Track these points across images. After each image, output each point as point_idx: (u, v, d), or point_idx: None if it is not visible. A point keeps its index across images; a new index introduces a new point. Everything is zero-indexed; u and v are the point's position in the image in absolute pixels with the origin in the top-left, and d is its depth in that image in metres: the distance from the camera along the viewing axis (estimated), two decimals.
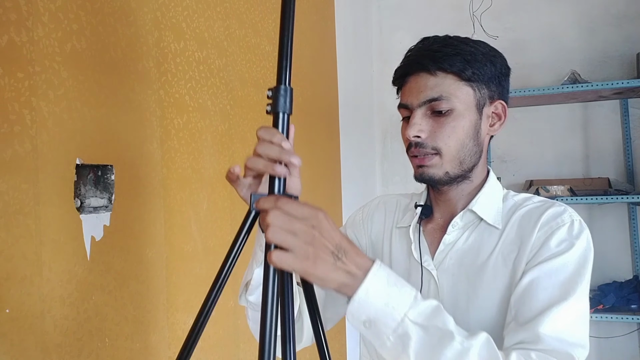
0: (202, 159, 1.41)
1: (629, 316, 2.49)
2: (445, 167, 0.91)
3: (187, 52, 1.36)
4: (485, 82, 0.91)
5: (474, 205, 0.94)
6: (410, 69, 0.92)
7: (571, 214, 0.89)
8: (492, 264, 0.90)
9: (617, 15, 2.83)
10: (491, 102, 0.94)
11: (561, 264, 0.84)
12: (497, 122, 0.95)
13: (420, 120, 0.90)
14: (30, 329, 0.89)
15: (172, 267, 1.27)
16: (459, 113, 0.89)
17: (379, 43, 3.23)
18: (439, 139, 0.89)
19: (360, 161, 2.96)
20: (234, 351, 1.52)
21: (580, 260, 0.85)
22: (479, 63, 0.90)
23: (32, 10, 0.92)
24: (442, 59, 0.88)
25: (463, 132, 0.90)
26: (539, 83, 2.87)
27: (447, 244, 0.94)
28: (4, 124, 0.86)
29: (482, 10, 2.97)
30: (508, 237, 0.91)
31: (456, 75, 0.89)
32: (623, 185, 2.76)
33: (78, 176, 1.01)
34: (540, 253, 0.86)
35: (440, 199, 0.98)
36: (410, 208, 1.04)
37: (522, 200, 0.95)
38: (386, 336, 0.69)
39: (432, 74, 0.89)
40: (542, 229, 0.88)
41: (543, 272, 0.84)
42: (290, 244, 0.64)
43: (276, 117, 0.70)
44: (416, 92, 0.90)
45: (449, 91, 0.89)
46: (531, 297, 0.82)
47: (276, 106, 0.69)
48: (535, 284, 0.83)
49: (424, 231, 0.99)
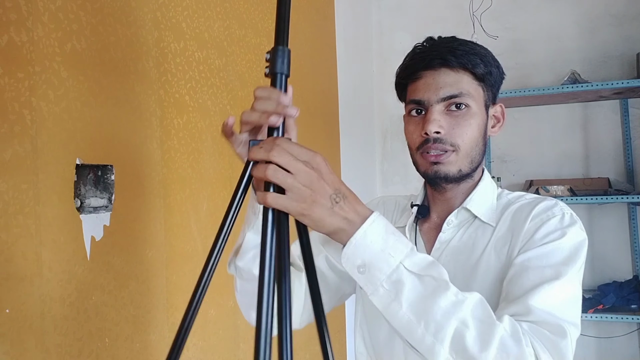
0: (202, 159, 1.41)
1: (629, 316, 2.49)
2: (459, 164, 0.91)
3: (187, 52, 1.36)
4: (491, 85, 0.94)
5: (468, 203, 0.94)
6: (428, 64, 0.92)
7: (562, 207, 0.90)
8: (485, 260, 0.90)
9: (617, 15, 2.83)
10: (493, 104, 0.97)
11: (553, 248, 0.83)
12: (497, 124, 0.98)
13: (439, 116, 0.90)
14: (30, 329, 0.89)
15: (172, 267, 1.27)
16: (474, 111, 0.91)
17: (379, 43, 3.23)
18: (457, 136, 0.90)
19: (360, 161, 2.96)
20: (234, 351, 1.52)
21: (572, 247, 0.84)
22: (490, 65, 0.92)
23: (32, 10, 0.92)
24: (463, 56, 0.90)
25: (477, 130, 0.92)
26: (539, 83, 2.87)
27: (442, 242, 0.95)
28: (4, 124, 0.86)
29: (482, 10, 2.97)
30: (500, 231, 0.91)
31: (472, 74, 0.91)
32: (623, 185, 2.76)
33: (78, 176, 1.01)
34: (532, 241, 0.86)
35: (440, 198, 0.98)
36: (408, 208, 1.04)
37: (515, 197, 0.96)
38: (380, 282, 0.68)
39: (453, 69, 0.90)
40: (534, 220, 0.88)
41: (534, 255, 0.83)
42: (289, 184, 0.63)
43: (274, 78, 0.68)
44: (435, 87, 0.90)
45: (466, 89, 0.90)
46: (522, 276, 0.82)
47: (274, 67, 0.68)
48: (526, 265, 0.83)
49: (420, 230, 0.99)
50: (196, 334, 1.35)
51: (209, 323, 1.41)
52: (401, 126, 0.99)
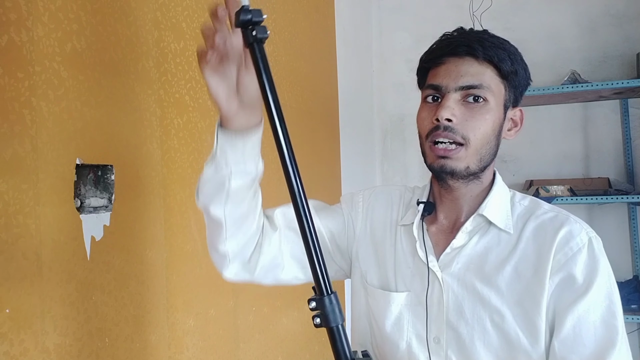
0: (202, 159, 1.41)
1: (629, 316, 2.49)
2: (468, 161, 0.88)
3: (187, 52, 1.36)
4: (515, 86, 0.91)
5: (484, 209, 0.91)
6: (454, 50, 0.89)
7: (586, 230, 0.88)
8: (502, 276, 0.88)
9: (617, 15, 2.83)
10: (513, 107, 0.94)
11: (596, 298, 0.84)
12: (514, 128, 0.95)
13: (453, 104, 0.87)
14: (30, 329, 0.89)
15: (172, 267, 1.27)
16: (491, 107, 0.88)
17: (379, 43, 3.23)
18: (469, 128, 0.87)
19: (360, 161, 2.96)
20: (234, 351, 1.52)
21: (608, 282, 0.86)
22: (517, 64, 0.90)
23: (32, 10, 0.92)
24: (491, 49, 0.87)
25: (491, 127, 0.89)
26: (539, 83, 2.87)
27: (455, 248, 0.92)
28: (4, 124, 0.86)
29: (482, 10, 2.97)
30: (524, 253, 0.89)
31: (497, 69, 0.88)
32: (623, 185, 2.76)
33: (78, 176, 1.01)
34: (568, 287, 0.85)
35: (447, 197, 0.95)
36: (413, 204, 1.00)
37: (532, 207, 0.94)
38: None
39: (478, 60, 0.88)
40: (560, 251, 0.86)
41: (581, 312, 0.83)
42: None
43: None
44: (455, 74, 0.88)
45: (489, 82, 0.88)
46: (577, 343, 0.83)
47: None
48: (578, 328, 0.83)
49: (427, 230, 0.96)
50: (196, 334, 1.35)
51: (209, 323, 1.41)
52: (401, 126, 0.99)
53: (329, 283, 0.73)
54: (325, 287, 0.72)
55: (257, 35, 0.70)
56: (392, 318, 0.95)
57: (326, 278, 0.72)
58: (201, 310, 1.38)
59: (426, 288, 0.91)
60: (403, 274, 0.96)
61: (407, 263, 0.96)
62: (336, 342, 0.73)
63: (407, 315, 0.94)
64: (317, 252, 0.70)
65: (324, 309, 0.71)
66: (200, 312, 1.37)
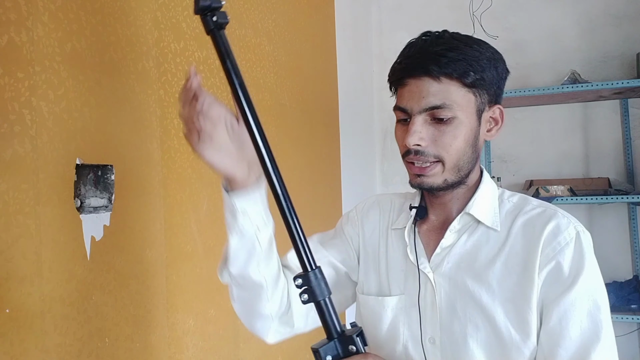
0: (202, 159, 1.40)
1: (629, 316, 2.49)
2: (445, 175, 0.88)
3: (187, 52, 1.36)
4: (486, 88, 0.88)
5: (470, 208, 0.92)
6: (412, 71, 0.86)
7: (574, 224, 0.88)
8: (495, 271, 0.88)
9: (617, 15, 2.83)
10: (490, 107, 0.91)
11: (582, 291, 0.84)
12: (495, 126, 0.93)
13: (420, 127, 0.86)
14: (30, 329, 0.89)
15: (172, 267, 1.27)
16: (460, 121, 0.86)
17: (379, 43, 3.23)
18: (440, 147, 0.86)
19: (360, 161, 2.96)
20: (234, 351, 1.52)
21: (595, 276, 0.85)
22: (482, 68, 0.86)
23: (32, 10, 0.92)
24: (447, 65, 0.84)
25: (464, 141, 0.87)
26: (539, 83, 2.87)
27: (445, 247, 0.93)
28: (4, 124, 0.86)
29: (482, 10, 2.97)
30: (513, 249, 0.89)
31: (459, 81, 0.85)
32: (623, 185, 2.76)
33: (78, 176, 1.01)
34: (555, 280, 0.85)
35: (436, 202, 0.96)
36: (405, 209, 1.01)
37: (520, 203, 0.94)
38: None
39: (436, 79, 0.84)
40: (548, 245, 0.87)
41: (567, 305, 0.84)
42: None
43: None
44: (417, 97, 0.86)
45: (452, 98, 0.85)
46: (563, 336, 0.83)
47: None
48: (564, 321, 0.83)
49: (419, 232, 0.97)
50: (196, 334, 1.35)
51: (209, 323, 1.41)
52: None
53: (312, 258, 0.75)
54: (309, 263, 0.74)
55: (218, 21, 0.70)
56: (387, 322, 0.96)
57: (309, 253, 0.74)
58: (201, 310, 1.38)
59: (419, 290, 0.92)
60: (397, 277, 0.97)
61: (400, 266, 0.97)
62: (325, 315, 0.74)
63: (402, 318, 0.95)
64: (297, 229, 0.73)
65: (310, 283, 0.72)
66: (200, 312, 1.37)
